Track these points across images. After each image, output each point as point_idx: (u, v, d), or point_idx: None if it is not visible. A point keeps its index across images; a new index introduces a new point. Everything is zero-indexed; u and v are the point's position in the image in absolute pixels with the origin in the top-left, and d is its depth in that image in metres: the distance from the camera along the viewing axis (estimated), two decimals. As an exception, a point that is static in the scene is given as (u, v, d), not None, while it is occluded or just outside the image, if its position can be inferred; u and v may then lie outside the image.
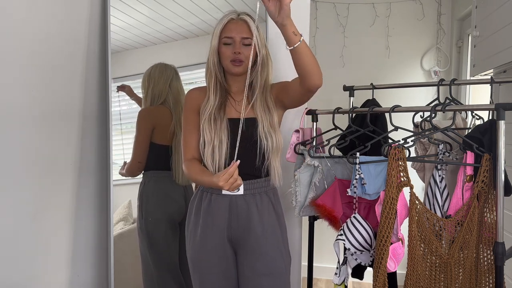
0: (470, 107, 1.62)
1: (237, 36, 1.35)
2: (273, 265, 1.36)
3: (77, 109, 1.66)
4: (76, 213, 1.67)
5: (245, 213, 1.37)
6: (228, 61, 1.36)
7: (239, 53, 1.34)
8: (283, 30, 1.18)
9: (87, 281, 1.75)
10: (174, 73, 1.85)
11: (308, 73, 1.22)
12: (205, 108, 1.40)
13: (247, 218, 1.37)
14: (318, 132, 1.71)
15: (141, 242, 1.83)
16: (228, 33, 1.35)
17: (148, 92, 1.81)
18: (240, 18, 1.37)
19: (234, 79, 1.43)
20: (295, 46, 1.19)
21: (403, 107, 1.37)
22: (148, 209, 1.82)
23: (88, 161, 1.73)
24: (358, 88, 1.91)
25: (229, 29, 1.36)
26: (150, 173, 1.82)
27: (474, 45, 1.98)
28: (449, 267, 1.30)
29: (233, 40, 1.35)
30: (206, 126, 1.37)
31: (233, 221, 1.37)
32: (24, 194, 1.42)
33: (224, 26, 1.36)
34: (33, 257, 1.48)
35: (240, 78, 1.42)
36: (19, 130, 1.40)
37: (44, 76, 1.49)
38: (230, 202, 1.37)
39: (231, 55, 1.35)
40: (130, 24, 1.80)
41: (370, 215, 1.46)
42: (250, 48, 1.31)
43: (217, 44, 1.37)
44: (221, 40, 1.37)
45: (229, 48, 1.36)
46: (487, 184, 1.27)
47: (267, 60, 1.41)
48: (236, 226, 1.37)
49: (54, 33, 1.53)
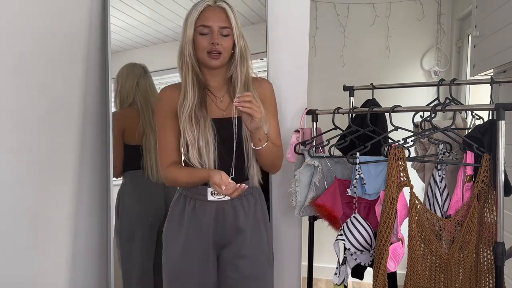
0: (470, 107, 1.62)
1: (215, 25, 1.23)
2: (259, 269, 1.33)
3: (77, 109, 1.66)
4: (76, 213, 1.67)
5: (232, 217, 1.32)
6: (204, 52, 1.24)
7: (217, 44, 1.22)
8: (251, 135, 1.24)
9: (87, 281, 1.75)
10: (142, 71, 1.81)
11: (265, 168, 1.37)
12: (183, 106, 1.27)
13: (234, 222, 1.32)
14: (318, 132, 1.71)
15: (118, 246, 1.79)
16: (205, 22, 1.23)
17: (116, 94, 1.78)
18: (217, 5, 1.26)
19: (211, 73, 1.31)
20: (257, 148, 1.26)
21: (403, 107, 1.37)
22: (123, 210, 1.78)
23: (88, 161, 1.73)
24: (358, 88, 1.90)
25: (205, 17, 1.23)
26: (127, 174, 1.81)
27: (474, 45, 1.98)
28: (449, 267, 1.30)
29: (211, 29, 1.23)
30: (187, 126, 1.26)
31: (220, 227, 1.32)
32: (24, 194, 1.42)
33: (200, 14, 1.24)
34: (33, 257, 1.48)
35: (218, 72, 1.31)
36: (19, 130, 1.40)
37: (44, 76, 1.49)
38: (216, 208, 1.31)
39: (208, 46, 1.23)
40: (130, 24, 1.80)
41: (370, 215, 1.46)
42: (229, 39, 1.25)
43: (192, 34, 1.24)
44: (196, 29, 1.24)
45: (206, 38, 1.23)
46: (487, 184, 1.27)
47: (245, 52, 1.30)
48: (223, 231, 1.32)
49: (54, 33, 1.52)
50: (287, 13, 1.87)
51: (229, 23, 1.25)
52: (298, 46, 1.88)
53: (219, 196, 1.30)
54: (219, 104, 1.33)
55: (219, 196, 1.30)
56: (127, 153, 1.79)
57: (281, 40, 1.87)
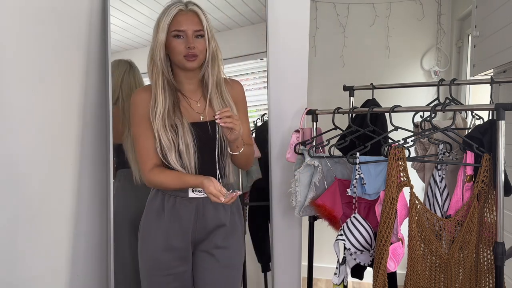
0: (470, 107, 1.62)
1: (189, 29, 1.25)
2: (236, 258, 1.41)
3: (77, 109, 1.66)
4: (76, 213, 1.67)
5: (213, 213, 1.34)
6: (181, 56, 1.25)
7: (193, 47, 1.24)
8: (230, 143, 1.30)
9: (87, 281, 1.75)
10: (128, 67, 1.75)
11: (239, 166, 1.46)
12: (154, 111, 1.27)
13: (214, 217, 1.35)
14: (318, 132, 1.71)
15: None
16: (179, 26, 1.24)
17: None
18: (189, 9, 1.28)
19: (186, 76, 1.33)
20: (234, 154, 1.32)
21: (403, 107, 1.37)
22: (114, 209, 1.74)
23: (88, 161, 1.73)
24: (358, 88, 1.90)
25: (178, 22, 1.25)
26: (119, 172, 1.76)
27: (474, 45, 1.98)
28: (449, 267, 1.30)
29: (185, 33, 1.25)
30: (161, 131, 1.26)
31: (200, 222, 1.34)
32: (24, 194, 1.42)
33: (173, 19, 1.25)
34: (33, 257, 1.48)
35: (193, 74, 1.32)
36: (19, 130, 1.40)
37: (44, 76, 1.49)
38: (197, 204, 1.33)
39: (184, 50, 1.24)
40: (130, 24, 1.80)
41: (370, 215, 1.46)
42: (203, 41, 1.27)
43: (164, 38, 1.25)
44: (169, 34, 1.25)
45: (181, 42, 1.25)
46: (487, 184, 1.27)
47: (217, 53, 1.32)
48: (203, 226, 1.35)
49: (53, 33, 1.53)
50: (287, 13, 1.87)
51: (201, 25, 1.27)
52: (298, 46, 1.88)
53: (199, 193, 1.32)
54: (196, 108, 1.34)
55: (199, 193, 1.32)
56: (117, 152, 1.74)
57: (281, 40, 1.87)
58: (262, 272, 1.94)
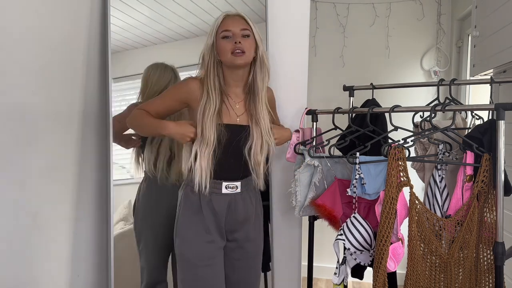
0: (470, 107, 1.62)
1: (236, 28, 1.36)
2: (260, 248, 1.57)
3: (77, 109, 1.66)
4: (76, 213, 1.68)
5: (242, 207, 1.47)
6: (229, 54, 1.36)
7: (239, 42, 1.35)
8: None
9: (87, 281, 1.75)
10: (173, 75, 1.81)
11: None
12: (206, 105, 1.38)
13: (244, 212, 1.48)
14: (318, 132, 1.71)
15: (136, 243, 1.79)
16: (226, 27, 1.37)
17: (144, 94, 1.77)
18: (236, 13, 1.41)
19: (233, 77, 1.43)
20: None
21: (403, 107, 1.37)
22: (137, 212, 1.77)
23: (88, 161, 1.73)
24: (358, 88, 1.91)
25: (226, 24, 1.37)
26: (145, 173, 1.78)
27: (474, 45, 1.98)
28: (449, 267, 1.30)
29: (232, 32, 1.36)
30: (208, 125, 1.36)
31: (231, 215, 1.46)
32: (24, 194, 1.42)
33: (221, 22, 1.38)
34: (33, 257, 1.48)
35: (241, 77, 1.43)
36: (19, 130, 1.40)
37: (44, 76, 1.49)
38: (229, 199, 1.45)
39: (232, 47, 1.35)
40: (130, 24, 1.80)
41: (370, 215, 1.46)
42: (250, 40, 1.37)
43: (213, 41, 1.38)
44: (218, 36, 1.37)
45: (229, 42, 1.36)
46: (487, 184, 1.28)
47: (266, 58, 1.43)
48: (234, 219, 1.47)
49: (54, 33, 1.53)
50: (287, 13, 1.88)
51: (248, 26, 1.39)
52: (298, 46, 1.88)
53: (232, 189, 1.45)
54: (235, 110, 1.44)
55: (232, 190, 1.45)
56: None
57: (281, 40, 1.87)
58: (262, 272, 1.94)
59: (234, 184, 1.45)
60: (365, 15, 2.95)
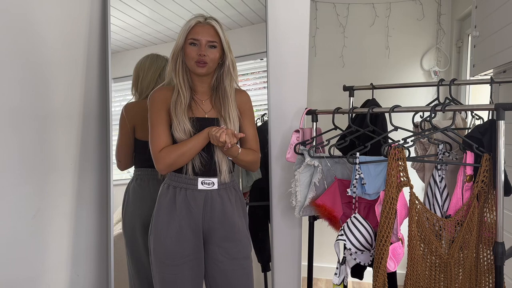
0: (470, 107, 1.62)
1: (203, 39, 1.40)
2: (245, 249, 1.50)
3: (77, 109, 1.66)
4: (76, 213, 1.68)
5: (220, 205, 1.45)
6: (193, 61, 1.41)
7: (204, 55, 1.39)
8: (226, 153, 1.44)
9: (87, 281, 1.75)
10: (166, 63, 1.75)
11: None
12: (177, 100, 1.42)
13: (221, 210, 1.45)
14: (318, 132, 1.71)
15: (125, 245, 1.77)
16: (195, 36, 1.40)
17: (137, 85, 1.74)
18: (207, 22, 1.43)
19: (199, 80, 1.47)
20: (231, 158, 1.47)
21: (403, 107, 1.37)
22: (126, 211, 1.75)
23: (88, 161, 1.73)
24: (358, 88, 1.91)
25: (195, 32, 1.41)
26: (136, 171, 1.76)
27: (474, 45, 1.98)
28: (449, 267, 1.30)
29: (199, 42, 1.40)
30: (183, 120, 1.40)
31: (208, 213, 1.44)
32: (24, 194, 1.42)
33: (191, 29, 1.41)
34: (33, 257, 1.48)
35: (205, 80, 1.47)
36: (19, 130, 1.40)
37: (44, 76, 1.49)
38: (205, 196, 1.44)
39: (196, 57, 1.40)
40: (130, 24, 1.80)
41: (370, 215, 1.46)
42: (216, 51, 1.41)
43: (182, 43, 1.42)
44: (187, 40, 1.41)
45: (195, 49, 1.40)
46: (487, 184, 1.28)
47: (233, 65, 1.47)
48: (211, 217, 1.44)
49: (54, 33, 1.53)
50: (287, 13, 1.88)
51: (217, 38, 1.42)
52: (298, 46, 1.88)
53: (208, 185, 1.44)
54: (203, 106, 1.48)
55: (208, 186, 1.44)
56: (138, 149, 1.74)
57: (281, 40, 1.87)
58: (262, 272, 1.94)
59: (210, 180, 1.44)
60: (365, 15, 2.95)
